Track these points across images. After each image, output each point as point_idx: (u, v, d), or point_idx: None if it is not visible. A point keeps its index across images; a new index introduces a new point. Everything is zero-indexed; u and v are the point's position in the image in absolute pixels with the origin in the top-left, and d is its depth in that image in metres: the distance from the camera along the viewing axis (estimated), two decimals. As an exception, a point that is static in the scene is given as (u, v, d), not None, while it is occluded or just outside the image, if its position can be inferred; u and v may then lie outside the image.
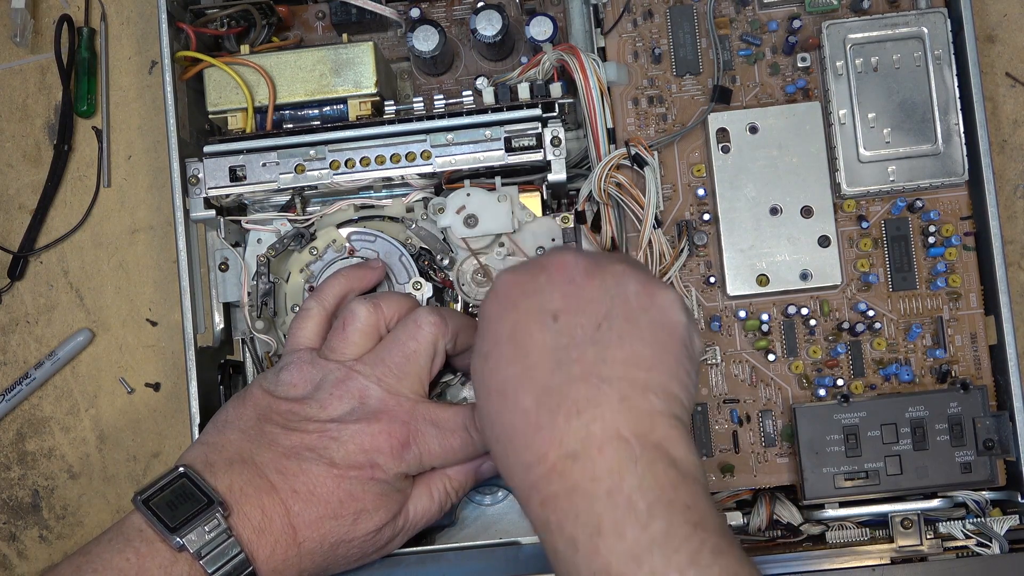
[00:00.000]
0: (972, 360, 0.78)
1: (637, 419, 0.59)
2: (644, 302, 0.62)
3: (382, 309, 0.72)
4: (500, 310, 0.63)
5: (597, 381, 0.59)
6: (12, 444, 0.89)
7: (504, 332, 0.62)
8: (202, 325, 0.79)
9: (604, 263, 0.63)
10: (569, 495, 0.58)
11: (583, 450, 0.58)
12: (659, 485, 0.57)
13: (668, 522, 0.56)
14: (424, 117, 0.78)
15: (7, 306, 0.90)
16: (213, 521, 0.65)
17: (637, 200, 0.78)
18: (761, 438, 0.78)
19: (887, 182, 0.77)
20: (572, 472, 0.58)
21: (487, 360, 0.62)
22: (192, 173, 0.78)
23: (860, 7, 0.79)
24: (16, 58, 0.91)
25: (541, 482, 0.59)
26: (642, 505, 0.57)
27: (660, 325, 0.61)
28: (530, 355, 0.61)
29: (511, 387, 0.61)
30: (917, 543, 0.75)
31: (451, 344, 0.71)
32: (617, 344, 0.60)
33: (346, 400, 0.69)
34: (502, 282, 0.64)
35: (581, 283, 0.62)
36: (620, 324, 0.61)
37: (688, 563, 0.55)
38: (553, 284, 0.62)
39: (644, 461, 0.58)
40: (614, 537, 0.56)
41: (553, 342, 0.60)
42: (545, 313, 0.61)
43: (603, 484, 0.57)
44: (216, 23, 0.82)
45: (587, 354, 0.60)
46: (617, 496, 0.57)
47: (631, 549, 0.56)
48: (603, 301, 0.61)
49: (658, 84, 0.80)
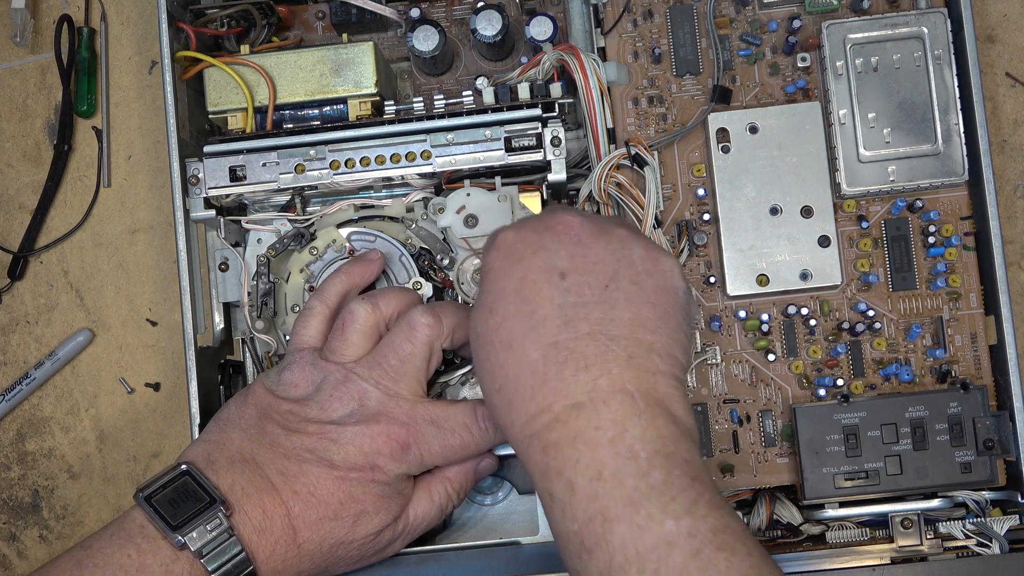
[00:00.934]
0: (972, 360, 0.78)
1: (642, 377, 0.60)
2: (648, 266, 0.63)
3: (380, 308, 0.72)
4: (505, 264, 0.64)
5: (605, 339, 0.61)
6: (12, 444, 0.89)
7: (510, 286, 0.63)
8: (202, 325, 0.79)
9: (608, 226, 0.65)
10: (571, 442, 0.59)
11: (589, 402, 0.59)
12: (660, 438, 0.59)
13: (667, 472, 0.58)
14: (424, 117, 0.78)
15: (7, 306, 0.90)
16: (215, 520, 0.65)
17: (637, 200, 0.78)
18: (761, 438, 0.78)
19: (887, 182, 0.77)
20: (576, 421, 0.59)
21: (492, 313, 0.63)
22: (192, 173, 0.78)
23: (860, 7, 0.79)
24: (16, 58, 0.91)
25: (543, 431, 0.60)
26: (643, 455, 0.58)
27: (663, 289, 0.63)
28: (538, 310, 0.62)
29: (517, 340, 0.62)
30: (917, 543, 0.75)
31: (448, 342, 0.72)
32: (624, 305, 0.62)
33: (346, 402, 0.69)
34: (505, 237, 0.65)
35: (588, 243, 0.63)
36: (626, 286, 0.62)
37: (684, 511, 0.57)
38: (560, 242, 0.63)
39: (647, 415, 0.59)
40: (614, 483, 0.58)
41: (561, 299, 0.62)
42: (553, 270, 0.62)
43: (606, 433, 0.59)
44: (216, 23, 0.82)
45: (595, 313, 0.61)
46: (619, 445, 0.58)
47: (630, 495, 0.57)
48: (609, 263, 0.63)
49: (658, 84, 0.80)
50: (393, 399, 0.69)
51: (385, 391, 0.69)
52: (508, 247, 0.64)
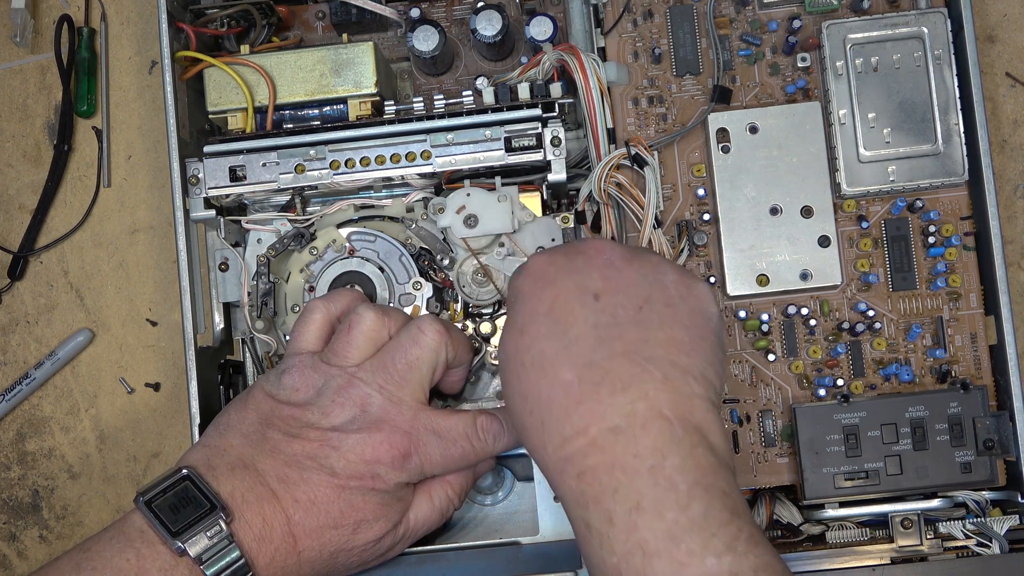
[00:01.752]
0: (972, 360, 0.78)
1: (679, 401, 0.59)
2: (682, 291, 0.63)
3: (390, 318, 0.72)
4: (536, 287, 0.63)
5: (641, 360, 0.60)
6: (12, 444, 0.89)
7: (542, 307, 0.62)
8: (202, 325, 0.79)
9: (640, 252, 0.65)
10: (609, 469, 0.58)
11: (627, 426, 0.58)
12: (699, 468, 0.58)
13: (707, 505, 0.57)
14: (424, 117, 0.78)
15: (7, 306, 0.90)
16: (215, 527, 0.65)
17: (637, 200, 0.78)
18: (761, 438, 0.78)
19: (887, 182, 0.77)
20: (614, 447, 0.58)
21: (523, 334, 0.62)
22: (192, 173, 0.78)
23: (860, 7, 0.79)
24: (16, 58, 0.91)
25: (578, 455, 0.59)
26: (683, 486, 0.57)
27: (697, 313, 0.63)
28: (571, 330, 0.61)
29: (549, 361, 0.61)
30: (917, 543, 0.75)
31: (452, 355, 0.71)
32: (658, 327, 0.61)
33: (347, 408, 0.69)
34: (537, 261, 0.65)
35: (620, 267, 0.63)
36: (660, 308, 0.62)
37: (725, 549, 0.56)
38: (592, 266, 0.63)
39: (686, 443, 0.58)
40: (653, 515, 0.56)
41: (595, 319, 0.61)
42: (586, 292, 0.62)
43: (646, 461, 0.58)
44: (216, 23, 0.82)
45: (630, 333, 0.61)
46: (659, 475, 0.57)
47: (670, 529, 0.56)
48: (643, 286, 0.63)
49: (658, 84, 0.80)
50: (395, 406, 0.69)
51: (388, 397, 0.69)
52: (539, 271, 0.64)
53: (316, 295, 0.78)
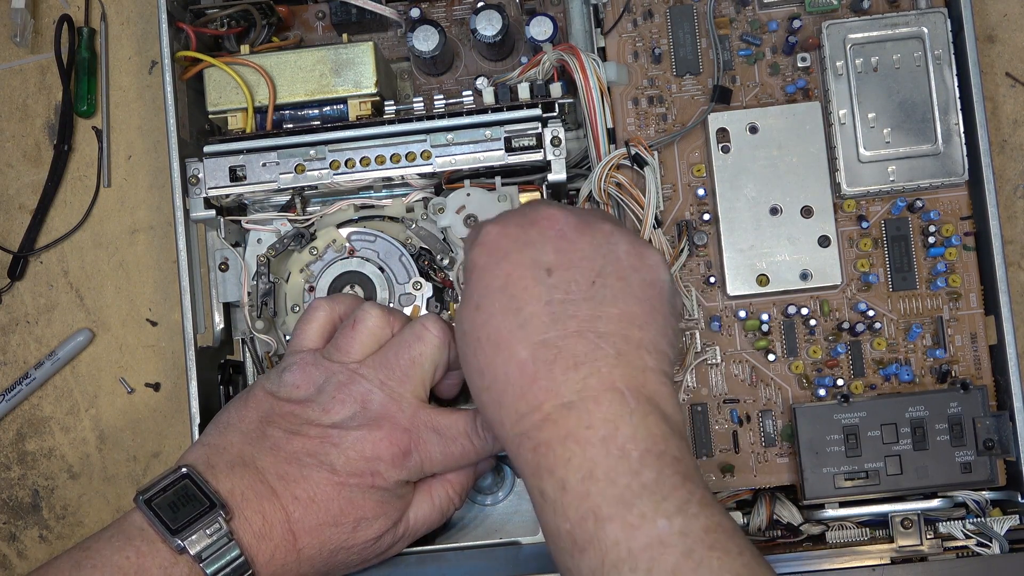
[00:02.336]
0: (972, 360, 0.78)
1: (632, 374, 0.60)
2: (634, 261, 0.63)
3: (394, 317, 0.72)
4: (491, 260, 0.64)
5: (594, 337, 0.61)
6: (12, 444, 0.89)
7: (496, 283, 0.63)
8: (202, 325, 0.79)
9: (592, 220, 0.65)
10: (563, 441, 0.59)
11: (579, 400, 0.59)
12: (651, 436, 0.59)
13: (659, 471, 0.58)
14: (424, 117, 0.78)
15: (7, 306, 0.90)
16: (215, 524, 0.65)
17: (637, 200, 0.78)
18: (761, 438, 0.78)
19: (887, 182, 0.77)
20: (567, 420, 0.59)
21: (479, 310, 0.63)
22: (192, 173, 0.78)
23: (860, 7, 0.79)
24: (16, 58, 0.91)
25: (533, 430, 0.60)
26: (635, 454, 0.58)
27: (649, 284, 0.63)
28: (525, 307, 0.62)
29: (504, 338, 0.62)
30: (917, 543, 0.75)
31: (454, 355, 0.71)
32: (611, 301, 0.62)
33: (348, 404, 0.69)
34: (490, 232, 0.65)
35: (573, 239, 0.63)
36: (613, 282, 0.62)
37: (676, 511, 0.57)
38: (545, 238, 0.63)
39: (638, 413, 0.59)
40: (606, 482, 0.58)
41: (548, 296, 0.62)
42: (539, 266, 0.62)
43: (598, 432, 0.59)
44: (216, 23, 0.82)
45: (583, 310, 0.61)
46: (611, 444, 0.58)
47: (622, 494, 0.57)
48: (595, 258, 0.63)
49: (658, 84, 0.80)
50: (396, 402, 0.69)
51: (389, 393, 0.69)
52: (493, 242, 0.64)
53: (316, 295, 0.78)
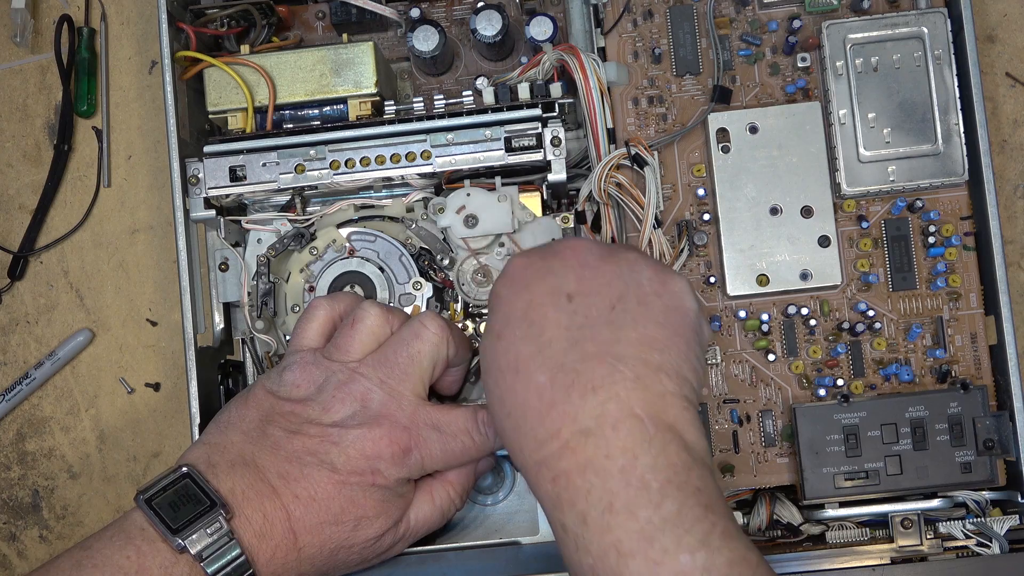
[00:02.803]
0: (972, 360, 0.78)
1: (651, 399, 0.59)
2: (657, 287, 0.63)
3: (393, 315, 0.72)
4: (513, 290, 0.63)
5: (612, 360, 0.60)
6: (12, 444, 0.89)
7: (517, 311, 0.63)
8: (202, 325, 0.79)
9: (616, 251, 0.64)
10: (582, 471, 0.58)
11: (597, 427, 0.58)
12: (671, 466, 0.58)
13: (680, 503, 0.57)
14: (424, 117, 0.78)
15: (7, 306, 0.90)
16: (215, 524, 0.65)
17: (637, 200, 0.78)
18: (761, 438, 0.78)
19: (887, 182, 0.77)
20: (585, 449, 0.58)
21: (500, 338, 0.63)
22: (192, 173, 0.78)
23: (860, 7, 0.79)
24: (16, 58, 0.91)
25: (552, 458, 0.59)
26: (655, 485, 0.57)
27: (673, 309, 0.62)
28: (544, 333, 0.61)
29: (524, 364, 0.61)
30: (917, 543, 0.75)
31: (453, 352, 0.72)
32: (631, 325, 0.61)
33: (348, 403, 0.69)
34: (514, 264, 0.65)
35: (595, 266, 0.63)
36: (634, 307, 0.62)
37: (699, 544, 0.56)
38: (567, 267, 0.63)
39: (658, 441, 0.58)
40: (626, 515, 0.57)
41: (568, 321, 0.61)
42: (560, 294, 0.62)
43: (617, 462, 0.58)
44: (216, 23, 0.82)
45: (602, 334, 0.61)
46: (630, 475, 0.57)
47: (643, 528, 0.56)
48: (617, 285, 0.62)
49: (658, 84, 0.80)
50: (396, 400, 0.69)
51: (389, 391, 0.69)
52: (517, 273, 0.64)
53: (316, 295, 0.78)
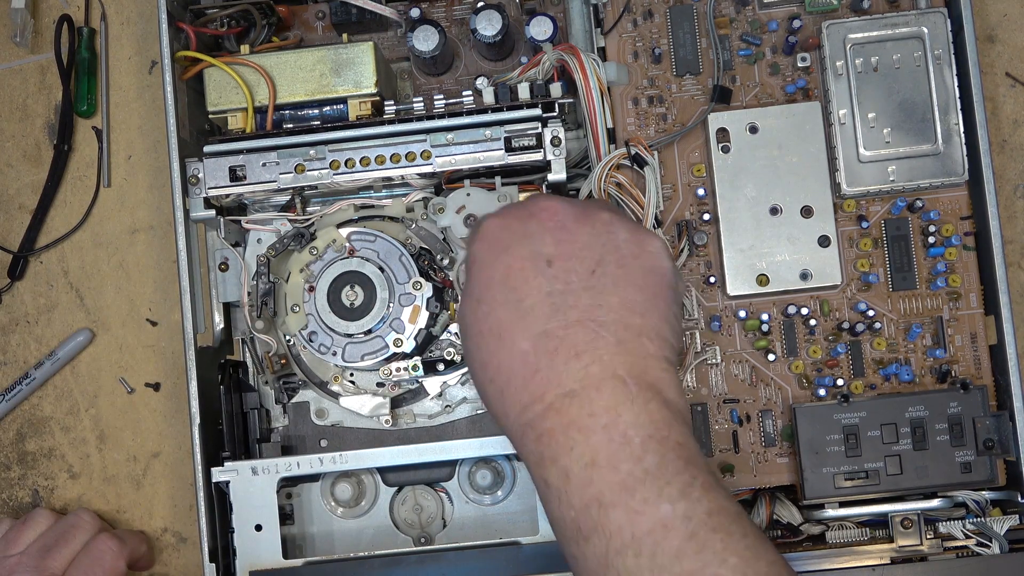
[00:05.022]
0: (972, 360, 0.78)
1: (633, 361, 0.61)
2: (634, 249, 0.64)
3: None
4: (491, 254, 0.64)
5: (594, 326, 0.61)
6: (12, 444, 0.89)
7: (497, 275, 0.63)
8: (202, 325, 0.79)
9: (592, 210, 0.65)
10: (565, 430, 0.59)
11: (581, 389, 0.60)
12: (653, 422, 0.59)
13: (661, 456, 0.58)
14: (424, 117, 0.78)
15: (7, 306, 0.90)
16: None
17: (637, 200, 0.78)
18: (761, 438, 0.78)
19: (887, 182, 0.77)
20: (569, 409, 0.60)
21: (480, 303, 0.63)
22: (192, 173, 0.78)
23: (860, 7, 0.79)
24: (16, 58, 0.91)
25: (537, 419, 0.60)
26: (637, 440, 0.58)
27: (650, 271, 0.64)
28: (526, 299, 0.62)
29: (506, 330, 0.62)
30: (917, 543, 0.75)
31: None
32: (611, 289, 0.62)
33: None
34: (490, 225, 0.65)
35: (572, 229, 0.64)
36: (613, 270, 0.63)
37: (679, 495, 0.57)
38: (545, 229, 0.64)
39: (640, 400, 0.60)
40: (608, 469, 0.58)
41: (548, 286, 0.62)
42: (539, 258, 0.63)
43: (600, 419, 0.59)
44: (216, 23, 0.82)
45: (583, 299, 0.62)
46: (613, 431, 0.59)
47: (624, 480, 0.57)
48: (595, 247, 0.63)
49: (658, 84, 0.80)
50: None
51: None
52: (493, 236, 0.65)
53: (316, 295, 0.78)
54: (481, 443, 0.76)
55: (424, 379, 0.80)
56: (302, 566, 0.76)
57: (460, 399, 0.80)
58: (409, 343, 0.77)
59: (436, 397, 0.80)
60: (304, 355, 0.81)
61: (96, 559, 0.79)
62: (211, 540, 0.76)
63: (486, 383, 0.63)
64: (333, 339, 0.78)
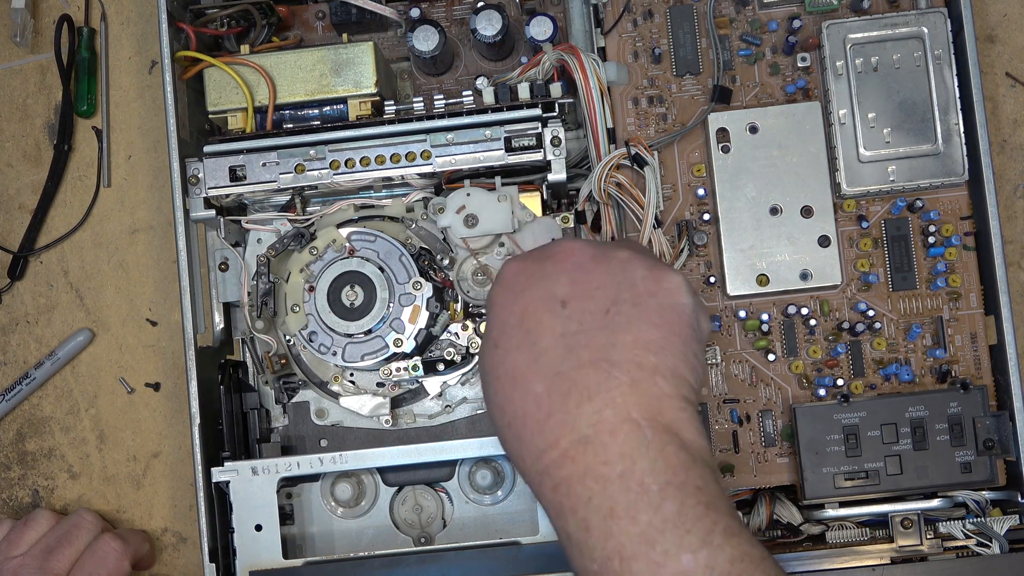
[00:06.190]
0: (972, 360, 0.78)
1: (647, 402, 0.59)
2: (651, 286, 0.62)
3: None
4: (508, 297, 0.63)
5: (607, 366, 0.60)
6: (12, 444, 0.89)
7: (513, 319, 0.62)
8: (202, 325, 0.79)
9: (609, 250, 0.64)
10: (581, 479, 0.58)
11: (595, 435, 0.58)
12: (670, 467, 0.58)
13: (680, 504, 0.57)
14: (424, 117, 0.78)
15: (7, 306, 0.90)
16: None
17: (637, 200, 0.78)
18: (761, 438, 0.78)
19: (887, 182, 0.77)
20: (584, 456, 0.58)
21: (496, 347, 0.63)
22: (192, 173, 0.78)
23: (860, 7, 0.79)
24: (16, 58, 0.91)
25: (553, 467, 0.59)
26: (654, 487, 0.57)
27: (667, 308, 0.62)
28: (540, 341, 0.61)
29: (521, 373, 0.61)
30: (917, 543, 0.75)
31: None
32: (626, 328, 0.61)
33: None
34: (509, 270, 0.64)
35: (588, 269, 0.63)
36: (628, 309, 0.61)
37: (700, 544, 0.56)
38: (560, 271, 0.63)
39: (655, 444, 0.58)
40: (627, 520, 0.57)
41: (563, 328, 0.61)
42: (554, 299, 0.62)
43: (615, 468, 0.58)
44: (216, 23, 0.82)
45: (596, 339, 0.60)
46: (630, 479, 0.57)
47: (644, 531, 0.56)
48: (610, 287, 0.62)
49: (658, 84, 0.80)
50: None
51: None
52: (511, 279, 0.64)
53: (316, 295, 0.78)
54: (481, 443, 0.76)
55: (424, 379, 0.80)
56: (302, 566, 0.76)
57: (460, 399, 0.80)
58: (409, 343, 0.77)
59: (436, 397, 0.80)
60: (304, 355, 0.81)
61: (100, 560, 0.79)
62: (211, 540, 0.76)
63: (504, 428, 0.62)
64: (333, 339, 0.78)
